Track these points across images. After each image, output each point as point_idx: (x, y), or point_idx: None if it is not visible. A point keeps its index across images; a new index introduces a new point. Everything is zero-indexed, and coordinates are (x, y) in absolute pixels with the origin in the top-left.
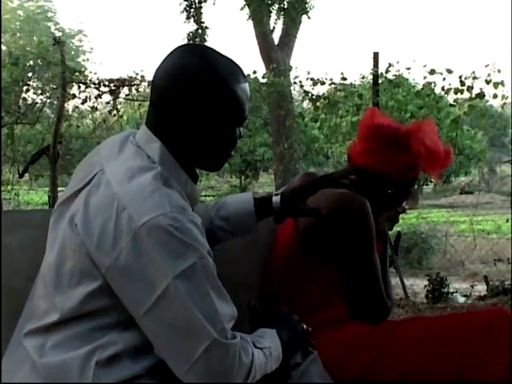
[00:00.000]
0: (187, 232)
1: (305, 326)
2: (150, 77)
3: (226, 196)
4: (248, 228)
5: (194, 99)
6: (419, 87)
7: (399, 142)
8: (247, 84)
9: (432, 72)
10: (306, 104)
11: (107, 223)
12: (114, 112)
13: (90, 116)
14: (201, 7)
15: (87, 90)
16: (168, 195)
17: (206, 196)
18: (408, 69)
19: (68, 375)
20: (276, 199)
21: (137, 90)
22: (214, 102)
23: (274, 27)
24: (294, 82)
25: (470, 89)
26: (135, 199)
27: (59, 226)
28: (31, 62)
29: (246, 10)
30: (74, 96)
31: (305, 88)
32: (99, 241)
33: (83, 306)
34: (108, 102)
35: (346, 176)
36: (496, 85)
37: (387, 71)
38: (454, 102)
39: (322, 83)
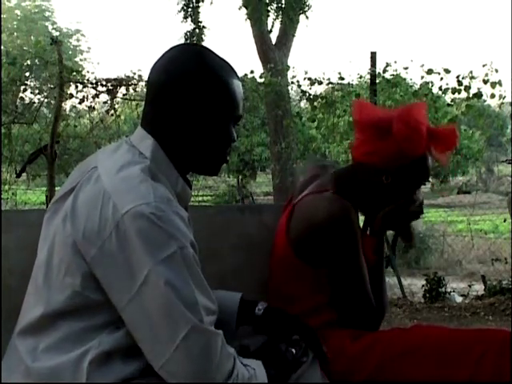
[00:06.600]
0: (169, 222)
1: (294, 351)
2: (147, 76)
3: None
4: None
5: (188, 94)
6: (417, 87)
7: (381, 128)
8: (240, 83)
9: (429, 72)
10: (304, 104)
11: (93, 212)
12: (112, 112)
13: (88, 116)
14: (198, 7)
15: (84, 89)
16: (154, 187)
17: (203, 196)
18: (405, 68)
19: (61, 379)
20: (258, 312)
21: (134, 89)
22: (208, 96)
23: (271, 27)
24: (292, 82)
25: (467, 88)
26: (120, 189)
27: (51, 224)
28: (28, 62)
29: (244, 9)
30: (71, 96)
31: (302, 88)
32: (85, 230)
33: (71, 301)
34: (105, 102)
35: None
36: (493, 84)
37: (385, 71)
38: (451, 101)
39: (320, 83)
